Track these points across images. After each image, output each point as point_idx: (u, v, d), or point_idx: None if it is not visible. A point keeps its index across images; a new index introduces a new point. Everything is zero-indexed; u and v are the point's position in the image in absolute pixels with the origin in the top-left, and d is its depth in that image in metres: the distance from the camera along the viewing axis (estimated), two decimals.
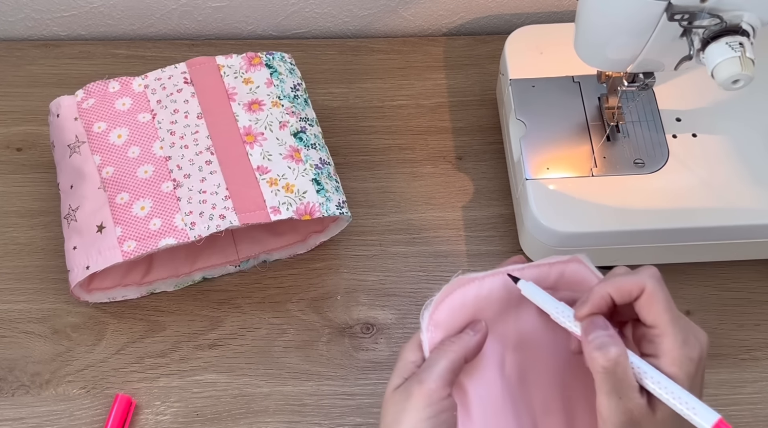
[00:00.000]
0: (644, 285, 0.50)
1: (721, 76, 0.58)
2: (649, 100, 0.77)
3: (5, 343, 0.74)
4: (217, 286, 0.77)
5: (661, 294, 0.50)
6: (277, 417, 0.72)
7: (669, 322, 0.50)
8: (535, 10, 0.93)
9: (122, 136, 0.74)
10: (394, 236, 0.80)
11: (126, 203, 0.71)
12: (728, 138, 0.75)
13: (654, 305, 0.50)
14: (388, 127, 0.86)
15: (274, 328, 0.75)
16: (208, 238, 0.71)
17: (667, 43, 0.62)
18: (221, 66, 0.77)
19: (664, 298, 0.50)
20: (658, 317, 0.50)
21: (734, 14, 0.58)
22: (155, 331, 0.75)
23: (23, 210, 0.80)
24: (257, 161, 0.73)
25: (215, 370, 0.73)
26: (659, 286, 0.50)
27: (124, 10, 0.89)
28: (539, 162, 0.74)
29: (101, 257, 0.69)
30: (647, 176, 0.73)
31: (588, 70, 0.73)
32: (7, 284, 0.76)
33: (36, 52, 0.88)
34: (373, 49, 0.90)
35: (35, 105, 0.84)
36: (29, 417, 0.71)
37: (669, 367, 0.49)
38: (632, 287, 0.50)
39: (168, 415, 0.71)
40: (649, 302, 0.50)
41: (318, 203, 0.72)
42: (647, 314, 0.50)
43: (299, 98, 0.78)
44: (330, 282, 0.78)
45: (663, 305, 0.50)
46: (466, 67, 0.89)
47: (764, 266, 0.79)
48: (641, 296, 0.50)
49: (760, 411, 0.73)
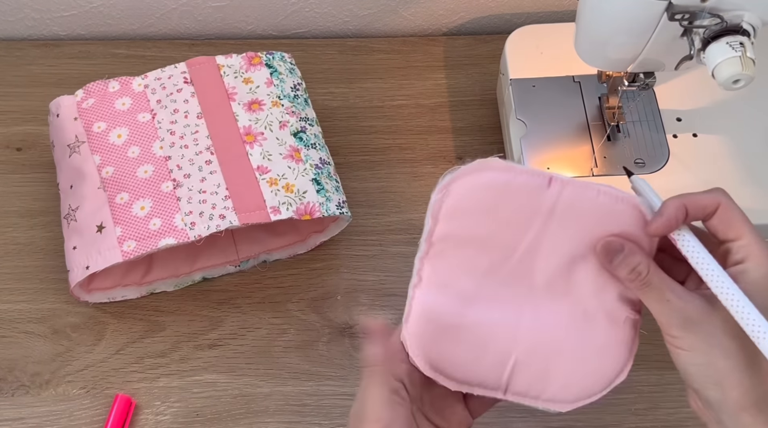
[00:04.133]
0: (719, 201, 0.51)
1: (721, 76, 0.58)
2: (649, 100, 0.77)
3: (5, 343, 0.74)
4: (217, 286, 0.77)
5: (736, 207, 0.51)
6: (277, 417, 0.72)
7: (750, 230, 0.51)
8: (535, 10, 0.93)
9: (122, 136, 0.74)
10: (394, 236, 0.80)
11: (126, 203, 0.71)
12: (728, 138, 0.74)
13: (734, 218, 0.51)
14: (388, 127, 0.86)
15: (274, 328, 0.75)
16: (208, 238, 0.71)
17: (667, 42, 0.62)
18: (221, 66, 0.77)
19: (739, 210, 0.51)
20: (740, 228, 0.51)
21: (735, 14, 0.58)
22: (155, 331, 0.75)
23: (23, 210, 0.80)
24: (257, 160, 0.72)
25: (215, 370, 0.73)
26: (732, 201, 0.51)
27: (124, 9, 0.89)
28: (539, 162, 0.74)
29: (101, 257, 0.69)
30: (647, 176, 0.73)
31: (588, 70, 0.73)
32: (7, 284, 0.76)
33: (36, 52, 0.88)
34: (373, 49, 0.90)
35: (35, 105, 0.84)
36: (29, 417, 0.71)
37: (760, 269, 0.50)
38: (708, 202, 0.51)
39: (168, 415, 0.71)
40: (729, 216, 0.51)
41: (318, 203, 0.71)
42: (728, 227, 0.51)
43: (299, 98, 0.78)
44: (330, 282, 0.78)
45: (740, 216, 0.51)
46: (466, 67, 0.89)
47: None
48: (718, 211, 0.51)
49: None
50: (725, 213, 0.51)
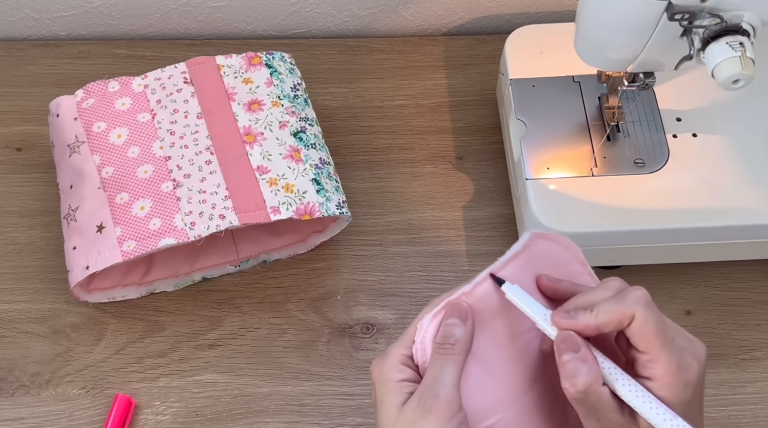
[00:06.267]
0: (633, 313, 0.48)
1: (721, 76, 0.58)
2: (649, 100, 0.77)
3: (5, 343, 0.74)
4: (217, 286, 0.77)
5: (651, 320, 0.48)
6: (277, 417, 0.72)
7: (661, 348, 0.48)
8: (535, 10, 0.93)
9: (122, 136, 0.74)
10: (394, 236, 0.80)
11: (126, 203, 0.71)
12: (728, 138, 0.74)
13: (645, 333, 0.48)
14: (388, 127, 0.86)
15: (274, 328, 0.75)
16: (207, 238, 0.71)
17: (667, 42, 0.62)
18: (221, 66, 0.77)
19: (655, 323, 0.48)
20: (650, 344, 0.48)
21: (734, 14, 0.58)
22: (155, 331, 0.75)
23: (23, 210, 0.80)
24: (257, 160, 0.72)
25: (215, 370, 0.73)
26: (649, 311, 0.48)
27: (123, 9, 0.89)
28: (539, 162, 0.74)
29: (101, 257, 0.69)
30: (647, 176, 0.73)
31: (588, 70, 0.73)
32: (7, 284, 0.76)
33: (36, 52, 0.88)
34: (373, 49, 0.90)
35: (35, 105, 0.84)
36: (29, 417, 0.71)
37: (662, 391, 0.48)
38: (621, 318, 0.49)
39: (168, 415, 0.71)
40: (640, 330, 0.48)
41: (318, 203, 0.72)
42: (639, 341, 0.48)
43: (299, 98, 0.78)
44: (330, 282, 0.78)
45: (654, 331, 0.48)
46: (466, 67, 0.89)
47: (764, 266, 0.79)
48: (631, 324, 0.48)
49: (760, 411, 0.73)
50: (638, 326, 0.48)
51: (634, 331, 0.48)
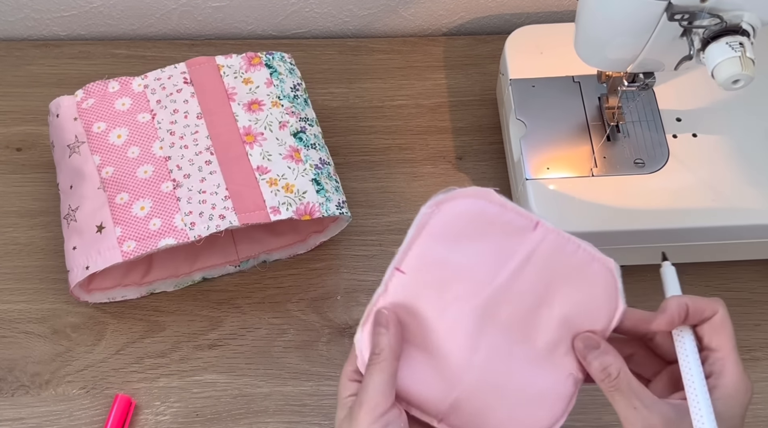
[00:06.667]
0: (718, 309, 0.53)
1: (721, 76, 0.58)
2: (649, 100, 0.77)
3: (5, 343, 0.74)
4: (217, 286, 0.77)
5: (730, 322, 0.53)
6: (277, 418, 0.72)
7: (732, 349, 0.53)
8: (535, 10, 0.93)
9: (122, 136, 0.74)
10: (394, 236, 0.80)
11: (126, 203, 0.71)
12: (728, 138, 0.74)
13: (724, 328, 0.53)
14: (388, 127, 0.86)
15: (274, 328, 0.75)
16: (207, 238, 0.71)
17: (667, 43, 0.62)
18: (221, 66, 0.77)
19: (731, 327, 0.53)
20: (725, 341, 0.53)
21: (734, 14, 0.58)
22: (155, 331, 0.75)
23: (23, 210, 0.80)
24: (257, 161, 0.72)
25: (215, 370, 0.73)
26: (728, 315, 0.53)
27: (124, 10, 0.89)
28: (539, 162, 0.74)
29: (101, 257, 0.69)
30: (647, 176, 0.73)
31: (588, 70, 0.73)
32: (7, 284, 0.76)
33: (36, 52, 0.88)
34: (373, 49, 0.90)
35: (35, 105, 0.84)
36: (29, 418, 0.71)
37: (728, 388, 0.52)
38: (706, 308, 0.53)
39: (168, 415, 0.71)
40: (721, 326, 0.53)
41: (318, 203, 0.72)
42: (714, 336, 0.53)
43: (299, 98, 0.78)
44: (330, 282, 0.78)
45: (730, 330, 0.53)
46: (466, 67, 0.89)
47: (764, 266, 0.79)
48: (712, 318, 0.53)
49: (760, 412, 0.73)
50: (719, 321, 0.53)
51: (714, 326, 0.53)
